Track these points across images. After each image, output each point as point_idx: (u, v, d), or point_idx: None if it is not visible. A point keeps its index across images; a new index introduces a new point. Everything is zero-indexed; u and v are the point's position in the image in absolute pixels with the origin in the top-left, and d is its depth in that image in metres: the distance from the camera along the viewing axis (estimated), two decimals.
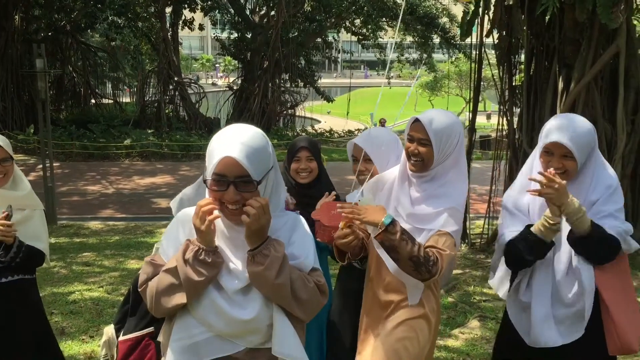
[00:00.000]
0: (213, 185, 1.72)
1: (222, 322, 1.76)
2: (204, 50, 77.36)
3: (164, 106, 22.98)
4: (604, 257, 2.29)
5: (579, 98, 6.78)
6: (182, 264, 1.70)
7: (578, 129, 2.33)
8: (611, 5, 6.13)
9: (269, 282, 1.73)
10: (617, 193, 2.40)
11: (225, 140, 1.73)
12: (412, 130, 2.47)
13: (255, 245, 1.74)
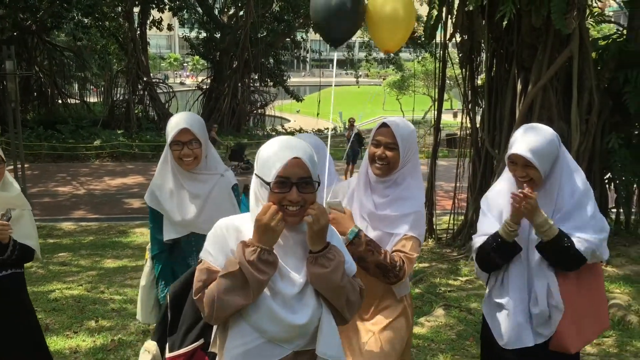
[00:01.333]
0: (276, 187, 1.77)
1: (277, 327, 1.80)
2: (171, 49, 76.62)
3: (133, 106, 22.88)
4: (566, 267, 2.39)
5: (536, 99, 7.17)
6: (246, 266, 1.73)
7: (538, 140, 2.40)
8: (565, 11, 6.52)
9: (334, 284, 1.81)
10: (584, 204, 2.42)
11: (285, 147, 1.81)
12: (380, 135, 2.51)
13: (318, 248, 1.81)
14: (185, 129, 2.74)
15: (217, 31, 25.00)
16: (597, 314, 2.48)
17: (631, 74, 7.34)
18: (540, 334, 2.42)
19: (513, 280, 2.47)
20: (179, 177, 2.82)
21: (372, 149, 2.53)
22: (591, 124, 7.48)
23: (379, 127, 2.54)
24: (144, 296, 3.01)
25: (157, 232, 2.92)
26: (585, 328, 2.43)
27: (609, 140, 7.57)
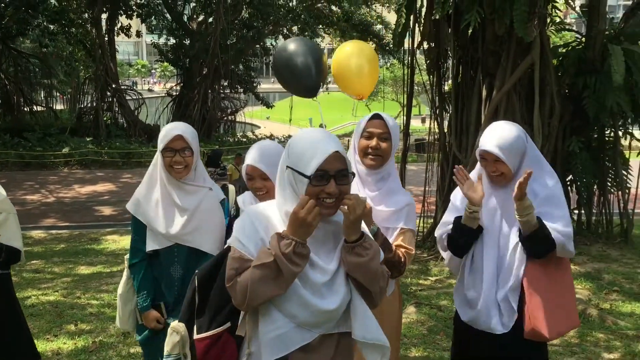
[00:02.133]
0: (315, 180, 1.80)
1: (307, 312, 1.84)
2: (138, 55, 75.95)
3: (102, 113, 22.68)
4: (537, 253, 2.52)
5: (501, 104, 7.44)
6: (281, 258, 1.76)
7: (505, 136, 2.54)
8: (526, 20, 6.81)
9: (372, 272, 1.87)
10: (552, 198, 2.54)
11: (321, 139, 1.85)
12: (372, 127, 2.56)
13: (354, 237, 1.85)
14: (179, 135, 2.76)
15: (186, 38, 24.96)
16: (567, 310, 2.58)
17: (590, 80, 7.68)
18: (507, 320, 2.54)
19: (486, 269, 2.60)
20: (167, 186, 2.80)
21: (364, 142, 2.57)
22: (553, 128, 7.79)
23: (370, 119, 2.60)
24: (121, 304, 2.99)
25: (139, 242, 2.88)
26: (558, 319, 2.52)
27: (570, 144, 7.90)
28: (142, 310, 2.86)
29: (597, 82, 7.61)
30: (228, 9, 22.62)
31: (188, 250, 2.80)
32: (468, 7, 6.93)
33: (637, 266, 6.94)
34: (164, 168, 2.79)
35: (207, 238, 2.81)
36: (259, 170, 2.59)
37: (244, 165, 2.70)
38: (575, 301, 2.70)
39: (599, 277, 6.38)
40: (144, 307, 2.85)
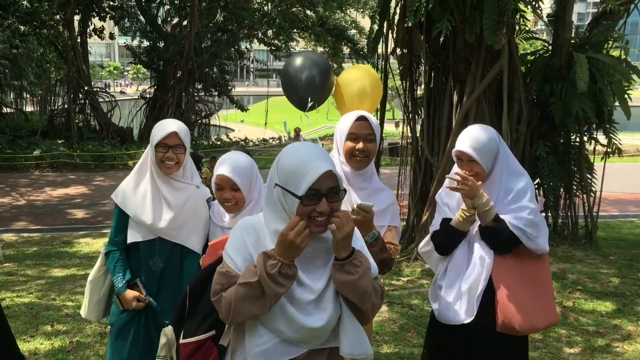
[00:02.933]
0: (307, 200, 1.76)
1: (293, 329, 1.83)
2: (110, 57, 75.14)
3: (74, 115, 22.44)
4: (501, 247, 2.64)
5: (471, 110, 7.65)
6: (266, 279, 1.75)
7: (479, 138, 2.69)
8: (495, 29, 7.03)
9: (361, 290, 1.81)
10: (521, 197, 2.65)
11: (312, 157, 1.81)
12: (357, 129, 2.60)
13: (344, 255, 1.81)
14: (174, 132, 2.82)
15: (160, 40, 24.85)
16: (543, 305, 2.68)
17: (556, 87, 7.94)
18: (474, 313, 2.65)
19: (455, 265, 2.74)
20: (156, 180, 2.87)
21: (349, 144, 2.61)
22: (521, 133, 8.04)
23: (355, 120, 2.63)
24: (89, 291, 3.01)
25: (119, 232, 2.91)
26: (531, 313, 2.61)
27: (537, 148, 8.16)
28: (119, 293, 2.87)
29: (563, 89, 7.88)
30: (203, 12, 22.61)
31: (172, 245, 2.87)
32: (439, 15, 7.13)
33: (600, 266, 7.21)
34: (154, 163, 2.84)
35: (192, 235, 2.86)
36: (231, 181, 2.63)
37: (214, 176, 2.72)
38: (553, 297, 2.80)
39: (563, 277, 6.61)
40: (120, 289, 2.86)
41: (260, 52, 37.02)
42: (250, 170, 2.72)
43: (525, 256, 2.68)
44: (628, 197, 14.17)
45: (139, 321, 2.91)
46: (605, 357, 4.28)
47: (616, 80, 7.92)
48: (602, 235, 9.42)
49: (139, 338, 2.90)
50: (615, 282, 6.47)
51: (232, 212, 2.75)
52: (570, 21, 8.17)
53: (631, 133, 28.58)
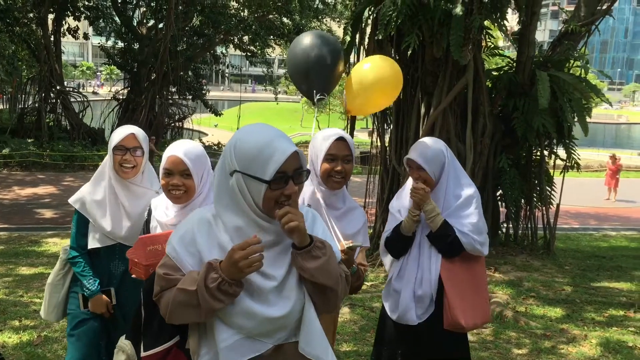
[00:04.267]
0: (275, 184, 1.67)
1: (254, 322, 1.72)
2: (84, 57, 74.26)
3: (45, 115, 22.22)
4: (447, 252, 2.85)
5: (437, 121, 7.94)
6: (203, 291, 1.64)
7: (427, 148, 2.93)
8: (461, 44, 7.32)
9: (334, 271, 1.75)
10: (468, 204, 2.87)
11: (274, 138, 1.70)
12: (336, 150, 2.57)
13: (306, 242, 1.71)
14: (133, 134, 2.82)
15: (135, 42, 24.77)
16: (482, 304, 2.92)
17: (519, 102, 8.28)
18: (423, 313, 2.87)
19: (407, 268, 2.95)
20: (114, 186, 2.84)
21: (327, 165, 2.58)
22: (485, 146, 8.34)
23: (335, 140, 2.59)
24: (49, 293, 2.99)
25: (80, 238, 2.90)
26: (474, 312, 2.85)
27: (500, 161, 8.47)
28: (92, 295, 2.85)
29: (525, 105, 8.22)
30: (179, 15, 22.64)
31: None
32: (409, 30, 7.40)
33: (555, 275, 7.53)
34: (112, 167, 2.83)
35: None
36: (183, 164, 2.44)
37: (163, 159, 2.50)
38: (488, 298, 3.04)
39: (519, 285, 6.90)
40: (94, 292, 2.85)
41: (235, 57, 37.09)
42: (205, 158, 2.54)
43: (469, 259, 2.91)
44: (589, 211, 14.67)
45: (100, 318, 2.94)
46: (550, 357, 4.54)
47: (576, 97, 8.29)
48: (561, 246, 9.80)
49: (96, 332, 2.94)
50: (568, 290, 6.78)
51: (180, 202, 2.50)
52: (533, 40, 8.52)
53: (596, 149, 29.49)
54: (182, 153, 2.46)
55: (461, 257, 2.89)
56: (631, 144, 42.24)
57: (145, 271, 2.28)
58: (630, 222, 13.67)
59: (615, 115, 61.33)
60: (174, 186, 2.46)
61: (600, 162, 22.71)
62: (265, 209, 1.71)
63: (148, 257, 2.29)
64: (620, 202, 16.52)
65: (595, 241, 11.23)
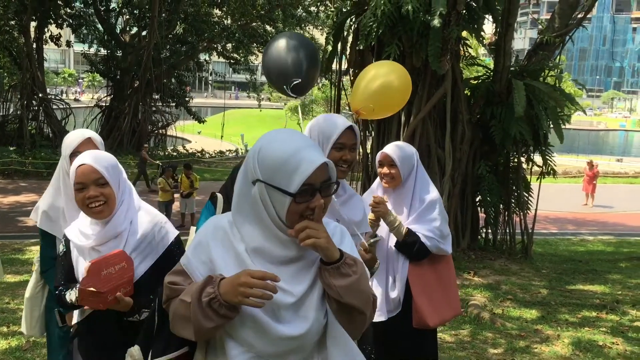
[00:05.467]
0: (300, 197, 1.53)
1: (265, 340, 1.55)
2: (65, 64, 73.78)
3: (27, 122, 22.14)
4: (414, 257, 3.02)
5: (417, 129, 8.15)
6: (195, 305, 1.50)
7: (401, 148, 3.10)
8: (439, 55, 7.54)
9: (366, 290, 1.58)
10: (432, 208, 3.03)
11: (302, 147, 1.56)
12: (345, 139, 2.48)
13: (335, 257, 1.55)
14: (89, 139, 2.68)
15: (118, 50, 24.79)
16: (449, 300, 3.11)
17: (496, 111, 8.53)
18: (390, 310, 3.05)
19: (378, 272, 3.00)
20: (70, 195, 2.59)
21: (335, 154, 2.49)
22: (463, 153, 8.57)
23: (345, 129, 2.49)
24: (29, 308, 2.92)
25: (49, 249, 2.78)
26: (440, 308, 3.03)
27: (479, 167, 8.71)
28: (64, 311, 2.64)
29: (502, 113, 8.46)
30: (162, 23, 22.72)
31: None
32: (389, 40, 7.61)
33: (532, 279, 7.74)
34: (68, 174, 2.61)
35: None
36: (96, 173, 2.19)
37: (70, 174, 2.25)
38: (457, 292, 3.24)
39: (497, 288, 7.11)
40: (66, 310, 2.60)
41: (218, 64, 37.15)
42: (116, 162, 2.31)
43: (435, 259, 3.09)
44: (567, 216, 14.98)
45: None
46: (524, 356, 4.72)
47: (551, 106, 8.55)
48: (539, 251, 10.04)
49: None
50: (544, 293, 6.99)
51: (102, 216, 2.23)
52: (509, 50, 8.78)
53: (575, 155, 30.01)
54: (91, 161, 2.22)
55: (428, 259, 3.07)
56: (609, 150, 42.99)
57: (104, 300, 2.10)
58: (607, 227, 13.99)
59: (594, 122, 62.40)
60: (91, 198, 2.19)
61: (579, 168, 23.13)
62: (288, 222, 1.55)
63: (104, 283, 2.10)
64: (597, 207, 16.88)
65: (572, 246, 11.50)
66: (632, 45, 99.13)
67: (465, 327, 5.44)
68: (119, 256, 2.19)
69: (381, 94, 4.01)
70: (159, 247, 2.32)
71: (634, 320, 5.94)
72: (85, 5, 24.42)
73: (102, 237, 2.25)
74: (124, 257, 2.21)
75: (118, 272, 2.17)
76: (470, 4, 8.04)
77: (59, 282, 2.36)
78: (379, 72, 4.10)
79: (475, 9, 8.09)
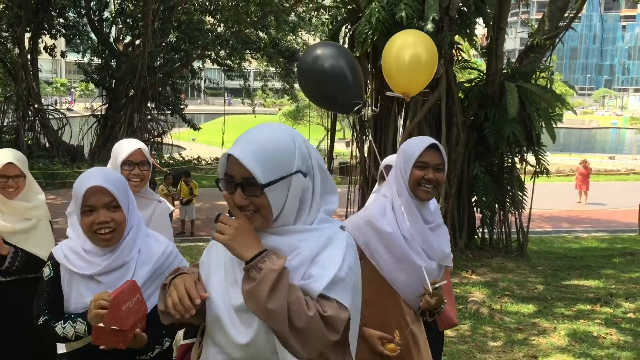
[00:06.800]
0: (222, 185, 1.52)
1: (230, 344, 1.52)
2: (57, 73, 73.73)
3: (23, 133, 22.25)
4: None
5: (413, 132, 8.34)
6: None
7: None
8: None
9: (260, 298, 1.40)
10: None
11: (239, 139, 1.52)
12: (427, 157, 2.38)
13: (248, 255, 1.45)
14: (140, 149, 2.85)
15: (112, 59, 24.94)
16: (453, 306, 3.12)
17: (490, 113, 8.74)
18: None
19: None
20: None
21: (417, 172, 2.38)
22: (459, 154, 8.78)
23: (426, 148, 2.40)
24: None
25: None
26: (453, 307, 3.08)
27: (474, 168, 8.92)
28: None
29: (496, 114, 8.68)
30: (156, 32, 22.89)
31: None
32: (384, 46, 7.78)
33: (528, 276, 7.96)
34: None
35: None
36: (108, 195, 2.03)
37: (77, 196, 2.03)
38: (454, 304, 3.25)
39: (495, 285, 7.32)
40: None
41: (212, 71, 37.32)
42: (126, 182, 2.15)
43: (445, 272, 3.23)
44: (562, 214, 15.21)
45: None
46: (523, 348, 4.94)
47: (543, 107, 8.78)
48: (534, 248, 10.26)
49: None
50: (540, 289, 7.21)
51: (110, 244, 2.06)
52: (501, 54, 9.01)
53: (568, 154, 30.34)
54: (103, 181, 2.02)
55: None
56: (602, 147, 43.41)
57: (125, 338, 1.93)
58: (601, 224, 14.22)
59: (586, 120, 62.90)
60: (102, 224, 2.01)
61: (572, 167, 23.41)
62: (235, 217, 1.53)
63: (125, 319, 1.92)
64: (591, 205, 17.12)
65: (567, 243, 11.72)
66: (622, 43, 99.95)
67: (466, 322, 5.66)
68: (133, 287, 1.98)
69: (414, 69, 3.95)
70: None
71: (627, 312, 6.17)
72: (78, 16, 24.59)
73: (106, 267, 2.05)
74: (137, 289, 2.00)
75: (135, 306, 1.97)
76: (462, 9, 8.27)
77: (41, 311, 2.10)
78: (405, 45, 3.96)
79: (467, 14, 8.31)
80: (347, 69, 4.05)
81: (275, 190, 1.47)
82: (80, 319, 2.03)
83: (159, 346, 2.07)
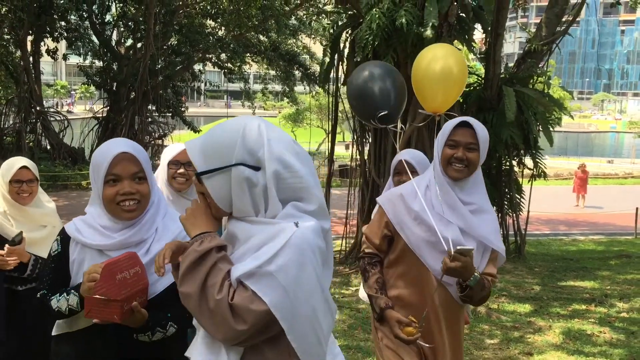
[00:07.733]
0: None
1: None
2: (57, 76, 73.87)
3: (25, 135, 22.38)
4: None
5: (413, 135, 8.50)
6: None
7: (415, 153, 3.00)
8: None
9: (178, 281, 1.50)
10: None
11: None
12: (457, 136, 2.36)
13: (192, 235, 1.54)
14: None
15: (113, 62, 25.09)
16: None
17: (488, 116, 8.88)
18: None
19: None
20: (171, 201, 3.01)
21: (448, 151, 2.37)
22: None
23: (458, 126, 2.39)
24: None
25: None
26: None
27: None
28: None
29: (494, 118, 8.82)
30: (158, 35, 23.04)
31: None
32: (384, 51, 7.98)
33: (526, 277, 8.10)
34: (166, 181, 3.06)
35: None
36: (136, 165, 1.98)
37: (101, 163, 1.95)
38: None
39: (492, 285, 7.44)
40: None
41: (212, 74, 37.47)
42: (147, 154, 2.05)
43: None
44: (559, 217, 15.36)
45: None
46: (518, 345, 5.08)
47: (540, 111, 8.94)
48: (532, 251, 10.40)
49: None
50: (537, 289, 7.36)
51: (132, 216, 1.98)
52: (499, 58, 9.16)
53: (566, 157, 30.50)
54: (131, 148, 1.97)
55: None
56: (600, 151, 43.59)
57: (119, 310, 1.80)
58: (598, 227, 14.37)
59: (585, 124, 63.14)
60: (126, 195, 1.93)
61: (570, 170, 23.57)
62: None
63: (119, 290, 1.80)
64: (588, 208, 17.27)
65: (564, 245, 11.87)
66: (621, 48, 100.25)
67: None
68: (132, 259, 1.89)
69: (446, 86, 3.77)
70: None
71: (621, 311, 6.32)
72: (80, 19, 24.75)
73: (122, 241, 1.96)
74: (138, 261, 1.90)
75: (133, 278, 1.85)
76: (460, 15, 8.42)
77: (42, 285, 2.05)
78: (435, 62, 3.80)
79: (465, 20, 8.46)
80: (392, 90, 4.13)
81: (213, 180, 1.51)
82: (74, 291, 1.93)
83: (161, 330, 1.93)
